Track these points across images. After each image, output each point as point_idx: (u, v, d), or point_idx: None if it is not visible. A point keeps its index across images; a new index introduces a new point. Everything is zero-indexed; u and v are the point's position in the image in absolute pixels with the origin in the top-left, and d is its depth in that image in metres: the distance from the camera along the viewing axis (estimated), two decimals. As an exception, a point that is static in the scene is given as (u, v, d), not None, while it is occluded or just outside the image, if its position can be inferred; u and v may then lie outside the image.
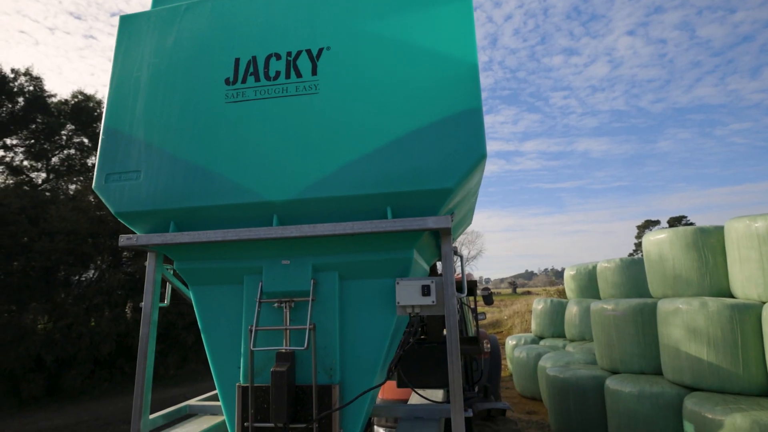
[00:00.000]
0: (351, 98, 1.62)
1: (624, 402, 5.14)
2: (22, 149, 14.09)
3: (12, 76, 12.93)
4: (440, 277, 1.54)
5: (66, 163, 14.72)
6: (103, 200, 1.77)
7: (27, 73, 13.20)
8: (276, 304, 1.64)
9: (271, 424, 1.54)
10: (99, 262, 11.64)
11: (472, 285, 3.70)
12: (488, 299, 5.38)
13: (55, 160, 14.76)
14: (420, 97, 1.56)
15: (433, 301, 1.49)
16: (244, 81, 1.71)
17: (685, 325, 4.74)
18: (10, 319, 8.85)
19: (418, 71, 1.60)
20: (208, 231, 1.61)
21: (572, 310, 8.50)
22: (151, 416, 1.77)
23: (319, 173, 1.57)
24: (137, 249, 1.76)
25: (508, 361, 9.74)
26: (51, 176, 14.54)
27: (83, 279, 11.30)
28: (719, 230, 5.05)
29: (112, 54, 1.88)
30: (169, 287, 2.08)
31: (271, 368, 1.53)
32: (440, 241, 1.61)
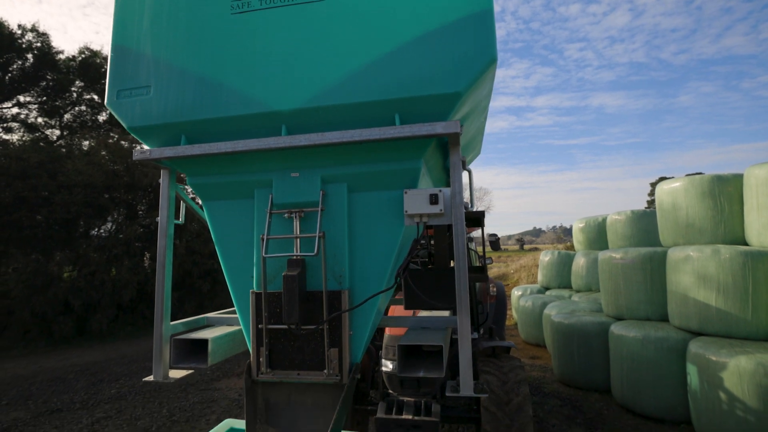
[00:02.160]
0: (357, 4, 1.57)
1: (628, 346, 5.20)
2: (35, 106, 14.23)
3: (19, 32, 12.83)
4: (448, 188, 1.56)
5: (78, 120, 14.88)
6: (116, 116, 1.80)
7: (33, 29, 13.09)
8: (286, 215, 1.69)
9: (284, 326, 1.64)
10: (116, 216, 11.99)
11: (479, 215, 3.69)
12: (495, 245, 5.43)
13: (67, 116, 14.90)
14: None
15: (441, 210, 1.51)
16: (248, -9, 1.66)
17: (695, 272, 4.69)
18: (38, 267, 9.36)
19: (424, -29, 1.52)
20: (219, 143, 1.64)
21: (579, 261, 8.50)
22: (172, 323, 1.89)
23: (326, 81, 1.56)
24: (151, 163, 1.80)
25: (513, 311, 9.94)
26: (65, 133, 14.73)
27: (102, 231, 11.71)
28: (738, 178, 4.90)
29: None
30: (183, 206, 2.15)
31: (282, 274, 1.61)
32: (448, 157, 1.61)
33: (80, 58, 13.92)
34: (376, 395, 4.25)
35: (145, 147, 1.81)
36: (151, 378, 1.81)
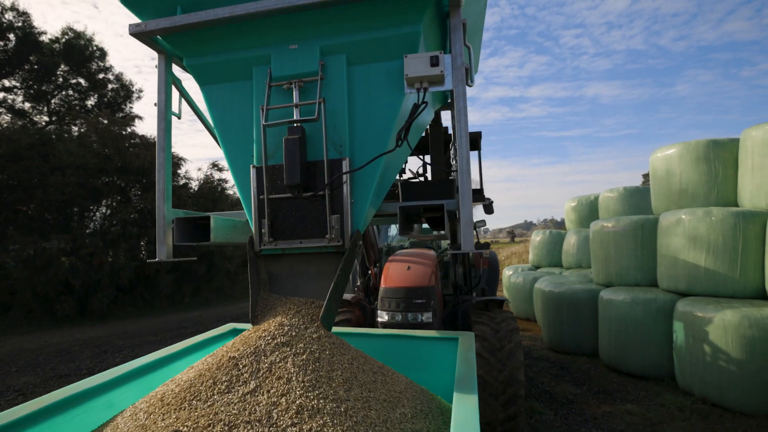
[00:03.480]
0: None
1: (616, 309, 5.28)
2: (21, 91, 14.03)
3: (-1, 11, 12.57)
4: (449, 54, 1.60)
5: (65, 105, 14.71)
6: None
7: (13, 8, 12.80)
8: (285, 86, 1.71)
9: (286, 195, 1.68)
10: (110, 201, 11.91)
11: (476, 136, 3.68)
12: (488, 209, 5.49)
13: (55, 101, 14.73)
14: None
15: (441, 71, 1.53)
16: None
17: (686, 234, 4.71)
18: (37, 248, 9.35)
19: None
20: (215, 9, 1.62)
21: (570, 240, 8.50)
22: (174, 209, 1.92)
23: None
24: (146, 39, 1.80)
25: (504, 291, 9.98)
26: (53, 118, 14.57)
27: (97, 214, 11.66)
28: (734, 142, 4.89)
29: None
30: (180, 101, 2.15)
31: (283, 149, 1.64)
32: (447, 37, 1.62)
33: (64, 40, 13.71)
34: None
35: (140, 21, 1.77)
36: (156, 259, 1.85)
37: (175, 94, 2.08)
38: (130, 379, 1.55)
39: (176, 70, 2.07)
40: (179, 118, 2.04)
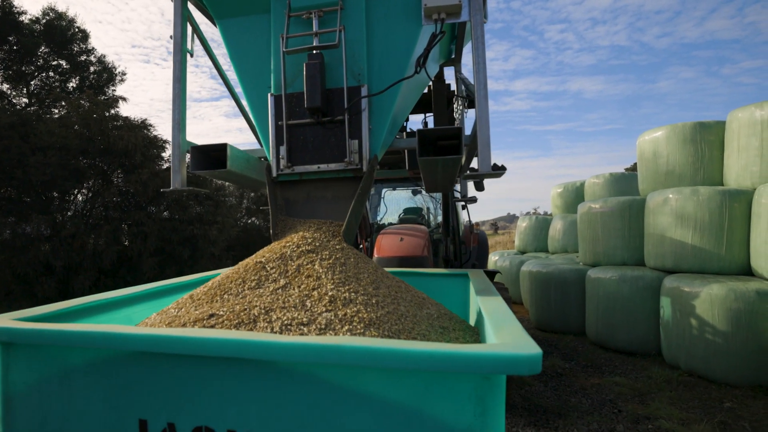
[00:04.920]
0: None
1: (604, 287, 5.39)
2: (0, 71, 13.53)
3: (-27, -14, 12.09)
4: None
5: (46, 88, 14.29)
6: None
7: (-9, -15, 12.32)
8: (305, 16, 1.73)
9: (304, 120, 1.69)
10: (92, 183, 11.61)
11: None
12: (479, 186, 5.57)
13: (35, 82, 14.26)
14: None
15: (459, 0, 1.58)
16: None
17: (673, 212, 4.82)
18: (16, 228, 9.07)
19: None
20: None
21: (556, 225, 8.59)
22: (189, 139, 1.92)
23: None
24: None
25: (492, 278, 10.07)
26: (33, 101, 14.11)
27: (79, 196, 11.35)
28: (720, 125, 5.02)
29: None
30: (193, 38, 2.12)
31: (302, 77, 1.66)
32: None
33: (44, 21, 13.34)
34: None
35: None
36: (170, 188, 1.86)
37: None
38: (151, 298, 1.55)
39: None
40: (192, 56, 2.04)
